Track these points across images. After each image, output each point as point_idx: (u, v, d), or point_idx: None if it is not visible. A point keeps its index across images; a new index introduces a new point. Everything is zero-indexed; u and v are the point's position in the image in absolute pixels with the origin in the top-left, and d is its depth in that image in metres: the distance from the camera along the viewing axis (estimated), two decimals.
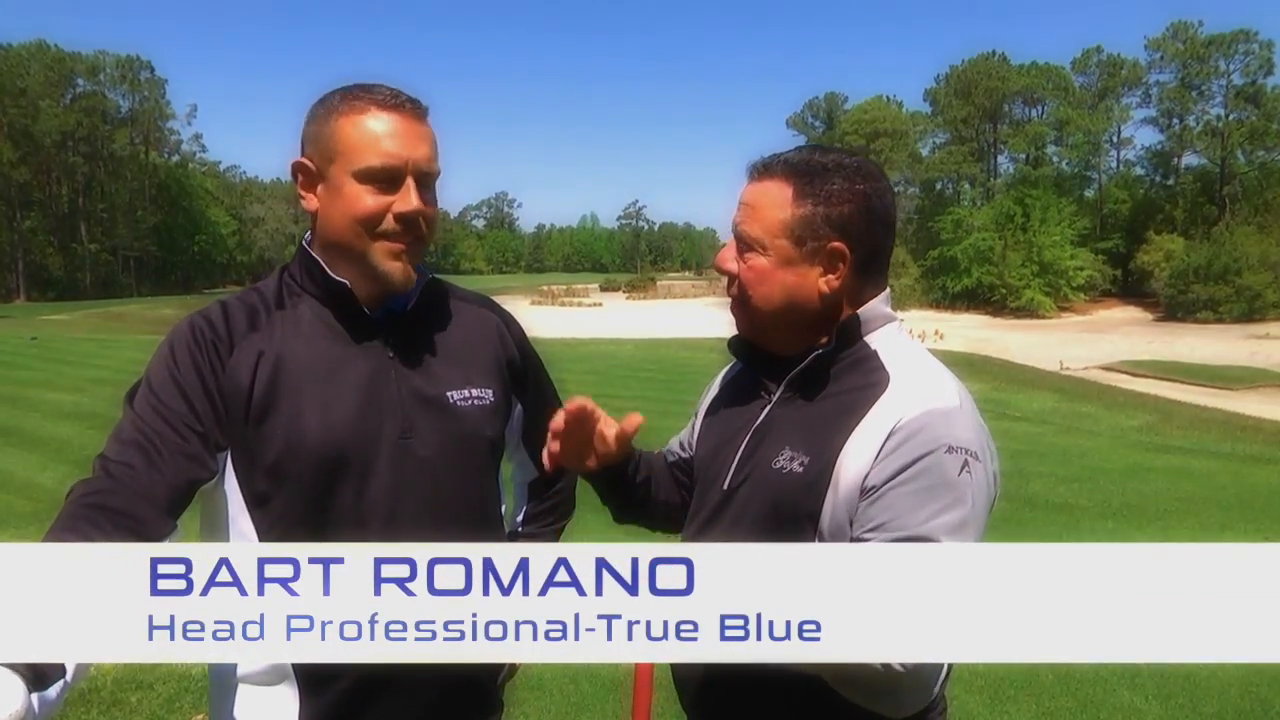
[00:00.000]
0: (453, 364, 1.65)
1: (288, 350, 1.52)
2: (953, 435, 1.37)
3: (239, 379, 1.48)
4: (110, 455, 1.39)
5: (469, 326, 1.72)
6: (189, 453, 1.41)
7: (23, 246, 74.19)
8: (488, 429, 1.68)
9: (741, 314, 1.57)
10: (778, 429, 1.53)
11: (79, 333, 34.67)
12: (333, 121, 1.49)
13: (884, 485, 1.36)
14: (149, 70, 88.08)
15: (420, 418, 1.57)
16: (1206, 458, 11.14)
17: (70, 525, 1.27)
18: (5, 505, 7.77)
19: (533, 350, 1.86)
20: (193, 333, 1.50)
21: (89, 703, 4.04)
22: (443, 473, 1.59)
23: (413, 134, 1.50)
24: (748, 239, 1.50)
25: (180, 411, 1.43)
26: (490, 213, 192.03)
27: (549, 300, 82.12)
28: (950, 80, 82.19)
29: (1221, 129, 70.46)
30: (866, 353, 1.50)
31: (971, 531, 1.35)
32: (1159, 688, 4.49)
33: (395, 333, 1.60)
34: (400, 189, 1.49)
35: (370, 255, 1.51)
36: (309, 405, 1.49)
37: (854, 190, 1.46)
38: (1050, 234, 67.72)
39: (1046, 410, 17.78)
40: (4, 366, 19.18)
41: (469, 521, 1.64)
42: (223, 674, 1.58)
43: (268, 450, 1.48)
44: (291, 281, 1.61)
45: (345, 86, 1.53)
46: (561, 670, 4.49)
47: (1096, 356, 35.38)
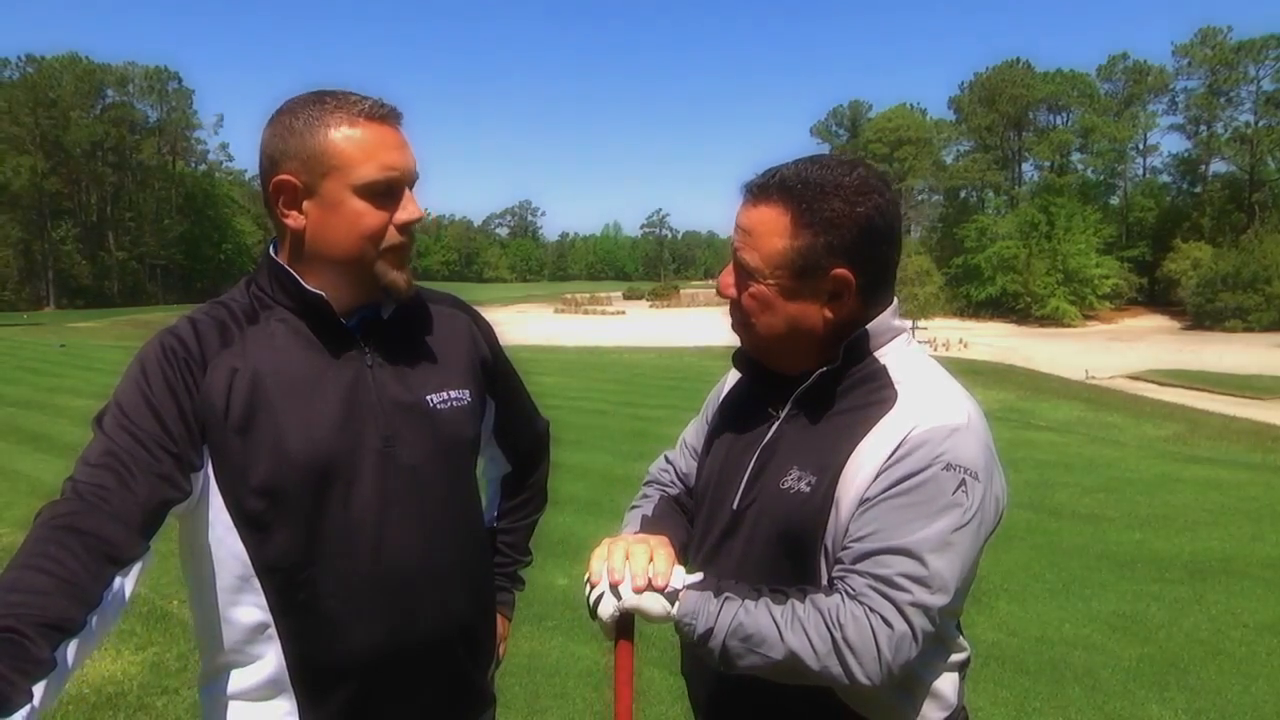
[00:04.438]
0: (430, 367, 1.63)
1: (263, 365, 1.49)
2: (953, 453, 1.33)
3: (213, 398, 1.44)
4: (80, 477, 1.33)
5: (442, 328, 1.71)
6: (161, 473, 1.36)
7: (53, 255, 75.22)
8: (467, 430, 1.67)
9: (744, 337, 1.54)
10: (785, 448, 1.49)
11: (106, 340, 35.09)
12: (319, 134, 1.45)
13: (878, 497, 1.34)
14: (177, 80, 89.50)
15: (403, 425, 1.56)
16: (1236, 468, 10.98)
17: (38, 549, 1.23)
18: (34, 511, 7.81)
19: (501, 347, 1.86)
20: (164, 352, 1.45)
21: (115, 707, 4.06)
22: (428, 479, 1.58)
23: (402, 143, 1.51)
24: (747, 268, 1.45)
25: (152, 431, 1.38)
26: (514, 221, 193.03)
27: (572, 309, 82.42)
28: (975, 88, 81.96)
29: (1251, 135, 69.88)
30: (875, 368, 1.46)
31: (956, 551, 1.32)
32: (1189, 703, 4.42)
33: (371, 340, 1.58)
34: (399, 199, 1.49)
35: (375, 268, 1.51)
36: (290, 420, 1.47)
37: (855, 214, 1.39)
38: (1075, 242, 67.34)
39: (1072, 420, 17.63)
40: (33, 373, 19.41)
41: (455, 527, 1.64)
42: (214, 692, 1.56)
43: (252, 467, 1.45)
44: (262, 294, 1.57)
45: (313, 96, 1.49)
46: (585, 679, 4.48)
47: (1123, 366, 35.10)
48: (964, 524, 1.32)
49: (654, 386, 18.97)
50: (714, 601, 1.36)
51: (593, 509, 7.75)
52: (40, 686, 1.09)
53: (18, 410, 13.90)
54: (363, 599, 1.51)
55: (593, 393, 16.50)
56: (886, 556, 1.31)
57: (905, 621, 1.28)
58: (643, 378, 21.08)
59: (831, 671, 1.29)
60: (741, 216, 1.47)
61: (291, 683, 1.52)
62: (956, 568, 1.32)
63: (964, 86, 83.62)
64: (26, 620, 1.11)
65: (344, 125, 1.45)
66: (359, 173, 1.45)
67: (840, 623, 1.29)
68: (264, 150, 1.51)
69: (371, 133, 1.46)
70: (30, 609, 1.13)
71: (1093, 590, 6.13)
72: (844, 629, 1.28)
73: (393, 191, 1.48)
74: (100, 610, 1.21)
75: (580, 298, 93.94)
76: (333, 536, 1.49)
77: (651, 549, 1.43)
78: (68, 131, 77.64)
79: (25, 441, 11.39)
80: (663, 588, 1.38)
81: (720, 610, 1.35)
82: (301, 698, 1.52)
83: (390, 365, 1.58)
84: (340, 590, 1.50)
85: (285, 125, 1.47)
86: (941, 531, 1.31)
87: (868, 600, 1.29)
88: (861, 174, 1.43)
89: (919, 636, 1.29)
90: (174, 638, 4.79)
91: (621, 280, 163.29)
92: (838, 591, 1.33)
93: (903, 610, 1.28)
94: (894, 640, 1.28)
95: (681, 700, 1.77)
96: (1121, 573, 6.53)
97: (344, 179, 1.45)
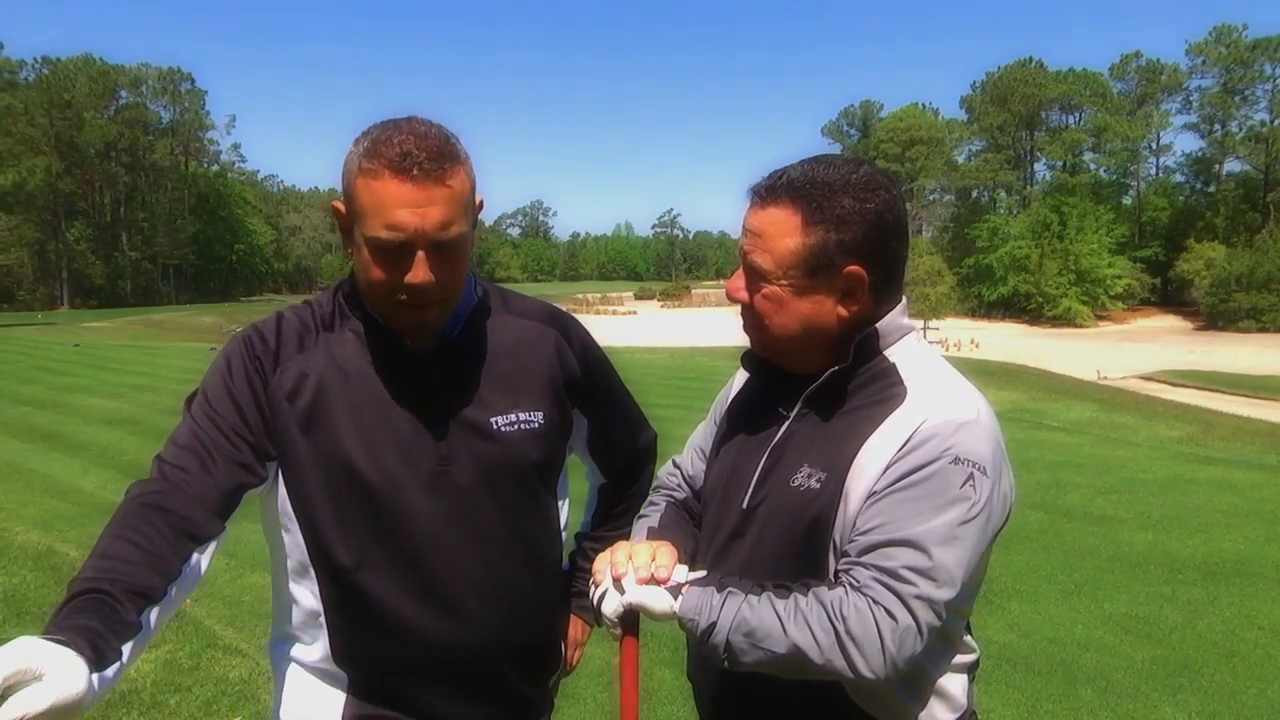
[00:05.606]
0: (500, 389, 1.63)
1: (330, 375, 1.53)
2: (962, 446, 1.33)
3: (281, 396, 1.51)
4: (167, 458, 1.45)
5: (521, 346, 1.68)
6: (240, 460, 1.46)
7: (67, 255, 75.66)
8: (534, 453, 1.65)
9: (757, 338, 1.53)
10: (795, 446, 1.49)
11: (120, 339, 35.27)
12: (353, 178, 1.43)
13: (886, 490, 1.34)
14: (190, 82, 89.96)
15: (460, 446, 1.57)
16: (1249, 469, 10.90)
17: (127, 522, 1.34)
18: (49, 509, 7.88)
19: (599, 357, 1.83)
20: (246, 345, 1.54)
21: (129, 704, 4.08)
22: (482, 500, 1.59)
23: (424, 201, 1.39)
24: (759, 270, 1.44)
25: (232, 420, 1.47)
26: (525, 221, 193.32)
27: (584, 309, 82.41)
28: (987, 87, 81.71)
29: (1266, 134, 69.38)
30: (885, 366, 1.46)
31: (962, 545, 1.31)
32: (1202, 705, 4.40)
33: (441, 358, 1.59)
34: (412, 260, 1.42)
35: (388, 316, 1.53)
36: (348, 431, 1.51)
37: (864, 210, 1.40)
38: (1087, 242, 67.06)
39: (1084, 420, 17.55)
40: (48, 373, 19.53)
41: (513, 549, 1.65)
42: (281, 654, 1.67)
43: (310, 470, 1.51)
44: (344, 303, 1.61)
45: (373, 132, 1.44)
46: (596, 679, 4.49)
47: (1135, 366, 34.93)
48: (971, 517, 1.32)
49: (666, 386, 18.95)
50: (717, 597, 1.36)
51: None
52: (128, 647, 1.20)
53: (33, 409, 14.01)
54: (408, 610, 1.55)
55: None
56: (891, 549, 1.30)
57: (909, 614, 1.28)
58: (654, 378, 21.05)
59: (835, 665, 1.29)
60: (750, 219, 1.47)
61: (339, 668, 1.60)
62: (963, 561, 1.32)
63: (976, 86, 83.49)
64: (118, 585, 1.23)
65: (369, 176, 1.40)
66: (369, 225, 1.41)
67: (843, 615, 1.28)
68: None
69: (389, 187, 1.39)
70: (119, 575, 1.25)
71: (1105, 591, 6.11)
72: (847, 621, 1.28)
73: (401, 251, 1.41)
74: (179, 582, 1.33)
75: (592, 298, 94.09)
76: (382, 547, 1.54)
77: (654, 548, 1.45)
78: (82, 132, 78.15)
79: (40, 440, 11.47)
80: (665, 580, 1.40)
81: (723, 605, 1.35)
82: (350, 681, 1.61)
83: (457, 385, 1.60)
84: (386, 598, 1.54)
85: (348, 154, 1.46)
86: (948, 524, 1.30)
87: (871, 592, 1.29)
88: (868, 171, 1.44)
89: (924, 630, 1.29)
90: (187, 636, 4.82)
91: (633, 280, 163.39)
92: (841, 584, 1.33)
93: (907, 603, 1.28)
94: (898, 633, 1.27)
95: (692, 700, 1.77)
96: (1134, 574, 6.50)
97: (362, 227, 1.43)
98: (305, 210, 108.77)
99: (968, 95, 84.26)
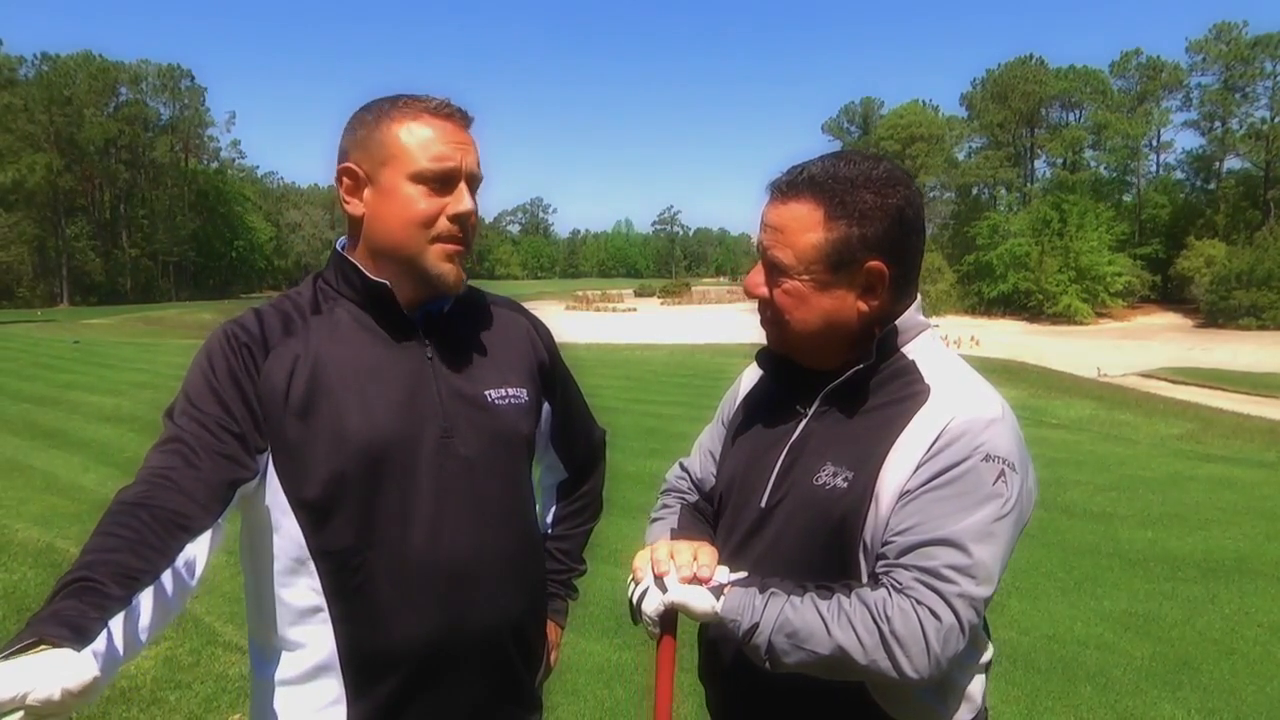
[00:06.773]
0: (489, 364, 1.67)
1: (325, 353, 1.53)
2: (992, 444, 1.34)
3: (275, 382, 1.49)
4: (149, 464, 1.41)
5: (503, 328, 1.75)
6: (225, 453, 1.42)
7: (66, 252, 75.58)
8: (524, 427, 1.69)
9: (775, 335, 1.53)
10: (816, 444, 1.48)
11: (120, 336, 35.23)
12: (384, 127, 1.52)
13: (919, 489, 1.34)
14: (189, 78, 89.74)
15: (461, 417, 1.59)
16: (1249, 467, 10.91)
17: (112, 520, 1.29)
18: (49, 506, 7.89)
19: (559, 353, 1.88)
20: (228, 340, 1.52)
21: (129, 701, 4.09)
22: (483, 472, 1.60)
23: (464, 140, 1.54)
24: (780, 265, 1.45)
25: (215, 415, 1.44)
26: (525, 218, 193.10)
27: (583, 305, 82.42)
28: (987, 84, 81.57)
29: (1266, 131, 69.27)
30: (905, 363, 1.46)
31: (998, 541, 1.32)
32: (1202, 702, 4.40)
33: (433, 333, 1.62)
34: (454, 191, 1.53)
35: (424, 258, 1.54)
36: (350, 406, 1.51)
37: (886, 205, 1.40)
38: (1088, 239, 66.96)
39: (1084, 418, 17.52)
40: (48, 370, 19.53)
41: (509, 523, 1.66)
42: (264, 672, 1.59)
43: (311, 452, 1.49)
44: (327, 287, 1.62)
45: (391, 96, 1.55)
46: (596, 676, 4.50)
47: (1135, 363, 34.87)
48: (1005, 514, 1.33)
49: (666, 384, 18.96)
50: (759, 598, 1.35)
51: (604, 506, 7.72)
52: (118, 622, 1.12)
53: (33, 406, 14.02)
54: (416, 587, 1.53)
55: (604, 390, 16.45)
56: (931, 548, 1.30)
57: (953, 613, 1.28)
58: (654, 375, 21.06)
59: (880, 665, 1.29)
60: (770, 215, 1.47)
61: (341, 668, 1.55)
62: (999, 558, 1.33)
63: (976, 83, 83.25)
64: (98, 569, 1.16)
65: (409, 120, 1.52)
66: (413, 161, 1.50)
67: (888, 616, 1.28)
68: (340, 144, 1.58)
69: (434, 127, 1.52)
70: (102, 562, 1.18)
71: (1104, 589, 6.12)
72: (891, 622, 1.28)
73: (448, 181, 1.53)
74: (173, 570, 1.26)
75: (592, 295, 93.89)
76: (388, 523, 1.52)
77: (694, 547, 1.44)
78: (82, 129, 77.99)
79: (40, 437, 11.48)
80: (707, 580, 1.39)
81: (766, 606, 1.34)
82: (350, 683, 1.55)
83: (451, 358, 1.62)
84: (394, 577, 1.52)
85: (359, 119, 1.56)
86: (983, 521, 1.31)
87: (914, 593, 1.29)
88: (888, 167, 1.45)
89: (965, 628, 1.29)
90: (187, 633, 4.83)
91: (633, 277, 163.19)
92: (884, 585, 1.32)
93: (950, 602, 1.28)
94: (942, 632, 1.27)
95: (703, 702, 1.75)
96: (1134, 571, 6.51)
97: (401, 167, 1.50)
98: (305, 207, 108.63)
99: (968, 92, 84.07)
